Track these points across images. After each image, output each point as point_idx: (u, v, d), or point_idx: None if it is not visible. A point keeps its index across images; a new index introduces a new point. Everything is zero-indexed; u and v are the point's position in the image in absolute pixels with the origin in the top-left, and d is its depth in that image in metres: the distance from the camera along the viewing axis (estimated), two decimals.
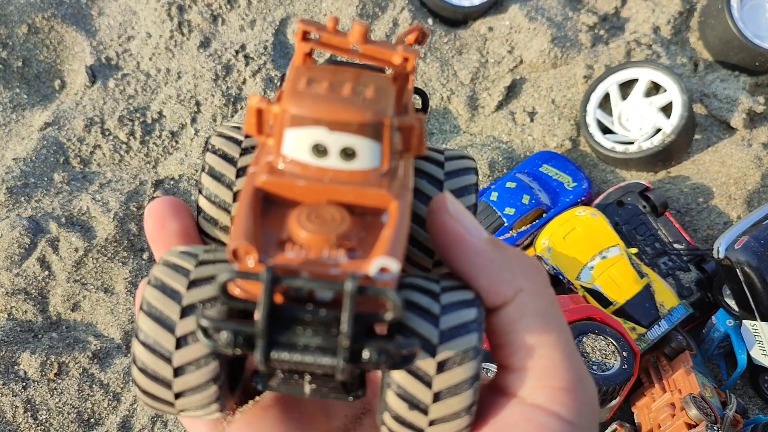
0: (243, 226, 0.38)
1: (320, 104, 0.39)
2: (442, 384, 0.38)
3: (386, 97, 0.41)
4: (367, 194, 0.41)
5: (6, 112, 1.42)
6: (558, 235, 1.23)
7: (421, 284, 0.39)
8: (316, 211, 0.40)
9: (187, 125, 1.38)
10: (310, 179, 0.40)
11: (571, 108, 1.43)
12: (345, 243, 0.39)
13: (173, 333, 0.40)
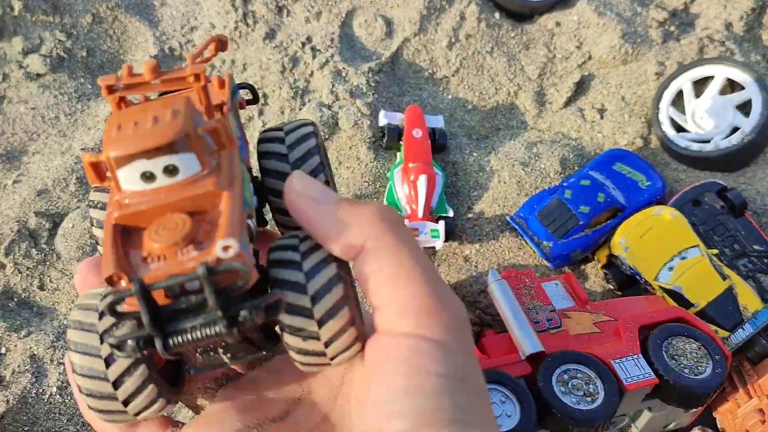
0: (109, 257, 0.48)
1: (131, 142, 0.48)
2: (321, 311, 0.47)
3: (183, 116, 0.50)
4: (198, 196, 0.49)
5: (71, 102, 1.41)
6: (635, 235, 1.21)
7: (284, 243, 0.49)
8: (162, 225, 0.49)
9: (254, 118, 1.37)
10: (149, 202, 0.49)
11: (642, 105, 1.40)
12: (192, 240, 0.47)
13: (100, 357, 0.51)
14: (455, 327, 0.43)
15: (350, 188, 1.29)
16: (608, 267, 1.25)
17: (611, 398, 0.92)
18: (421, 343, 0.41)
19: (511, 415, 0.89)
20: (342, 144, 1.33)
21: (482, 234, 1.28)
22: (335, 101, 1.36)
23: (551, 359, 0.95)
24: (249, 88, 0.69)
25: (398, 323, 0.42)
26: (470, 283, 1.23)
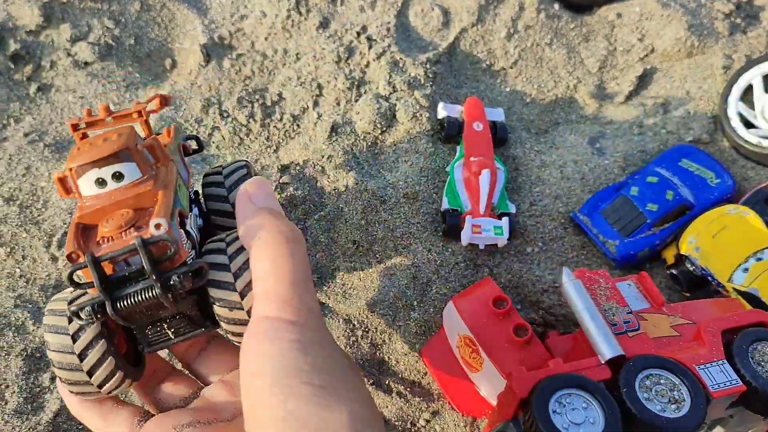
0: (71, 240, 0.66)
1: (86, 154, 0.69)
2: (241, 285, 0.66)
3: (126, 136, 0.72)
4: (139, 195, 0.70)
5: (120, 90, 1.38)
6: (706, 234, 1.16)
7: (215, 238, 0.73)
8: (111, 217, 0.69)
9: (309, 109, 1.33)
10: (102, 202, 0.69)
11: (708, 100, 1.36)
12: (133, 225, 0.67)
13: (68, 334, 0.69)
14: (306, 309, 0.57)
15: (408, 183, 1.25)
16: (676, 267, 1.20)
17: (699, 406, 0.87)
18: (277, 323, 0.56)
19: (595, 422, 0.85)
20: (400, 137, 1.29)
21: (544, 231, 1.24)
22: (392, 93, 1.32)
23: (633, 363, 0.91)
24: (195, 138, 0.94)
25: (264, 309, 0.57)
26: (532, 283, 1.19)
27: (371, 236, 1.21)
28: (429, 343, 1.14)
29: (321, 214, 1.22)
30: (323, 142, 1.27)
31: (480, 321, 1.07)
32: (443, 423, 1.05)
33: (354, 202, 1.23)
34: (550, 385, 0.87)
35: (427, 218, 1.23)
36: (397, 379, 1.10)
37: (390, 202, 1.23)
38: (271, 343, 0.55)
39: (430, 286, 1.17)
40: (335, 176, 1.25)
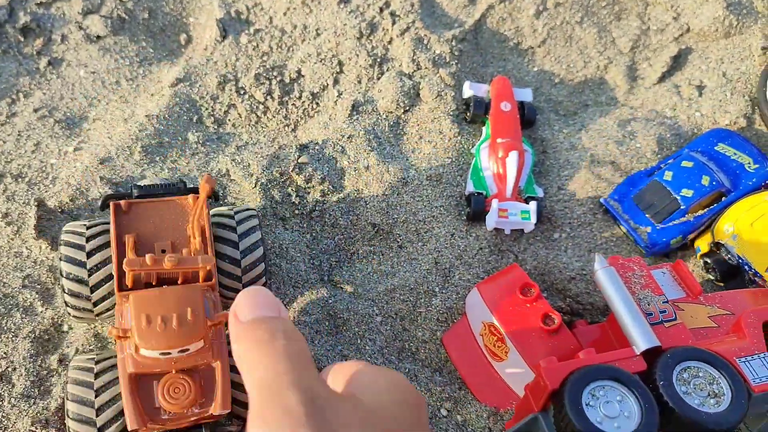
0: (133, 413, 0.80)
1: (162, 341, 0.80)
2: None
3: (202, 323, 0.81)
4: (200, 365, 0.83)
5: (133, 66, 1.33)
6: (745, 221, 1.11)
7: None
8: (172, 385, 0.81)
9: (329, 86, 1.28)
10: (162, 366, 0.81)
11: (746, 82, 1.30)
12: (195, 404, 0.82)
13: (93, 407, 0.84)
14: (278, 424, 0.49)
15: (431, 164, 1.20)
16: (710, 256, 1.15)
17: (740, 401, 0.82)
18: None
19: (630, 416, 0.80)
20: (423, 117, 1.24)
21: (572, 217, 1.19)
22: (416, 70, 1.27)
23: (671, 355, 0.86)
24: (214, 194, 1.02)
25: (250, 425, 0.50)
26: (559, 270, 1.14)
27: (392, 219, 1.17)
28: (451, 330, 1.09)
29: (340, 196, 1.17)
30: (343, 121, 1.23)
31: (506, 308, 1.02)
32: (465, 413, 1.01)
33: (375, 184, 1.18)
34: (583, 376, 0.83)
35: (451, 201, 1.18)
36: (417, 367, 1.06)
37: (412, 185, 1.18)
38: None
39: (452, 272, 1.13)
40: (356, 157, 1.20)
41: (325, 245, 1.15)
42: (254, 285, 1.02)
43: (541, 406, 0.87)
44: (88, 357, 0.90)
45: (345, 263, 1.15)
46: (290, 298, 1.11)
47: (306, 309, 1.10)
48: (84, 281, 0.93)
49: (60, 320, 1.04)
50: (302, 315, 1.09)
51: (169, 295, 0.82)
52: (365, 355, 1.06)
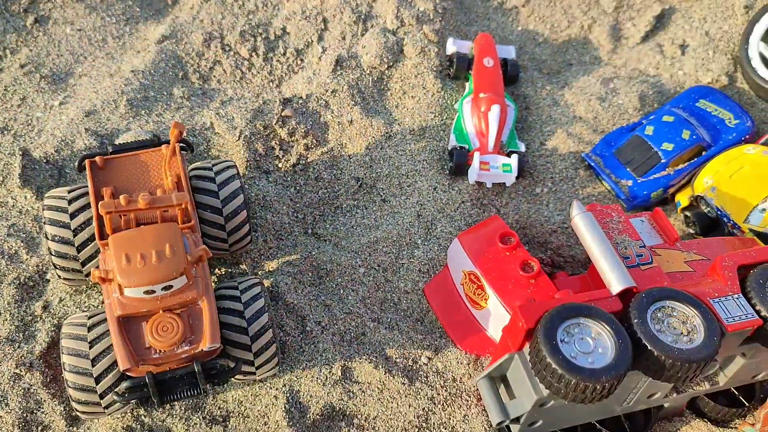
0: (122, 353, 0.82)
1: (142, 277, 0.81)
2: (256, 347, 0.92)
3: (180, 257, 0.83)
4: (186, 301, 0.85)
5: (119, 24, 1.34)
6: (724, 174, 1.12)
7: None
8: (161, 324, 0.84)
9: (314, 43, 1.29)
10: (148, 306, 0.84)
11: (728, 41, 1.30)
12: (184, 340, 0.84)
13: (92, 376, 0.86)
14: None
15: (415, 119, 1.21)
16: (690, 209, 1.16)
17: (713, 338, 0.83)
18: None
19: (604, 352, 0.82)
20: (407, 72, 1.25)
21: (554, 172, 1.20)
22: (400, 27, 1.27)
23: (645, 295, 0.87)
24: (184, 142, 1.02)
25: None
26: (541, 223, 1.15)
27: (375, 173, 1.18)
28: (432, 281, 1.10)
29: (324, 150, 1.18)
30: (327, 76, 1.23)
31: (486, 257, 1.03)
32: (445, 361, 1.02)
33: (358, 138, 1.19)
34: (557, 314, 0.84)
35: (434, 156, 1.19)
36: (399, 317, 1.07)
37: (395, 139, 1.19)
38: None
39: (434, 225, 1.14)
40: (339, 111, 1.21)
41: (309, 199, 1.16)
42: (238, 233, 1.03)
43: (518, 345, 0.89)
44: (81, 314, 0.92)
45: (329, 216, 1.16)
46: (274, 249, 1.12)
47: (290, 260, 1.11)
48: (70, 242, 0.95)
49: (44, 268, 1.05)
50: (286, 266, 1.10)
51: (147, 233, 0.83)
52: (347, 305, 1.08)
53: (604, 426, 0.99)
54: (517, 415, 0.89)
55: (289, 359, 1.04)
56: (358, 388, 1.01)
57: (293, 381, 1.02)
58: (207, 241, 1.02)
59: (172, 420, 0.99)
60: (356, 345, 1.05)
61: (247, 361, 0.93)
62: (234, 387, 1.01)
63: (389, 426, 0.98)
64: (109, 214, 0.85)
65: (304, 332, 1.05)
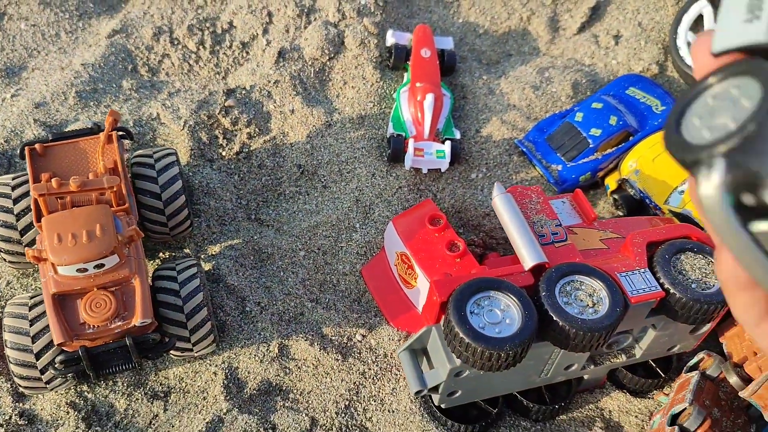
0: (57, 328, 0.87)
1: (73, 255, 0.86)
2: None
3: (111, 235, 0.87)
4: (118, 280, 0.90)
5: (72, 19, 1.38)
6: (647, 158, 1.17)
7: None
8: (94, 300, 0.89)
9: (259, 36, 1.34)
10: (82, 283, 0.88)
11: (659, 31, 1.36)
12: (117, 315, 0.89)
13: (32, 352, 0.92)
14: None
15: (355, 108, 1.26)
16: (618, 192, 1.21)
17: (615, 309, 0.88)
18: None
19: (511, 322, 0.87)
20: (347, 63, 1.29)
21: (489, 158, 1.25)
22: (342, 20, 1.32)
23: (554, 270, 0.92)
24: (124, 130, 1.07)
25: None
26: (475, 207, 1.20)
27: (317, 161, 1.22)
28: (369, 262, 1.15)
29: (266, 138, 1.23)
30: (270, 67, 1.28)
31: (417, 238, 1.08)
32: (378, 338, 1.07)
33: (299, 127, 1.24)
34: (467, 288, 0.89)
35: (373, 143, 1.24)
36: (337, 298, 1.12)
37: (336, 127, 1.24)
38: None
39: (372, 209, 1.19)
40: (281, 101, 1.25)
41: (253, 185, 1.21)
42: (177, 217, 1.08)
43: (434, 318, 0.94)
44: (24, 294, 0.98)
45: (272, 202, 1.21)
46: (217, 234, 1.16)
47: (232, 244, 1.16)
48: (13, 226, 1.00)
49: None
50: (228, 250, 1.15)
51: (78, 214, 0.88)
52: (287, 287, 1.12)
53: (526, 398, 1.04)
54: (434, 385, 0.94)
55: (229, 338, 1.08)
56: (294, 365, 1.06)
57: (232, 358, 1.07)
58: (148, 226, 1.07)
59: (115, 396, 1.03)
60: (294, 324, 1.09)
61: (183, 337, 0.98)
62: (175, 364, 1.06)
63: (322, 399, 1.03)
64: (42, 197, 0.89)
65: (243, 312, 1.10)
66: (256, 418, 1.01)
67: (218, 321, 1.08)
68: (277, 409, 1.03)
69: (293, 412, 1.02)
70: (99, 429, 1.00)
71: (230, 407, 1.02)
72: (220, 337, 1.08)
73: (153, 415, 1.02)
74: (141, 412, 1.02)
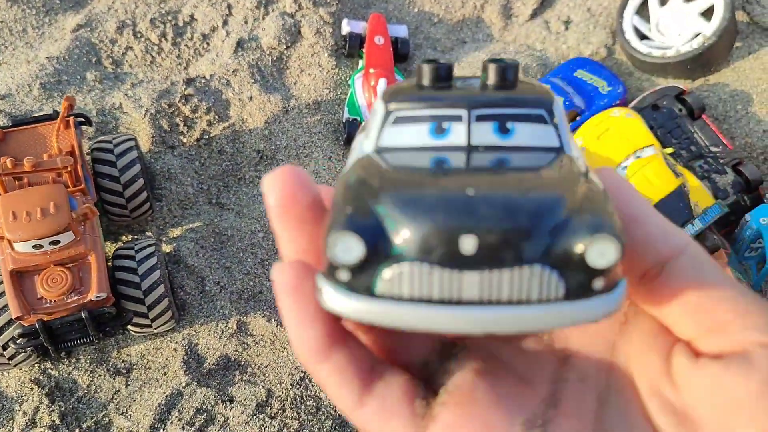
0: (15, 302, 0.91)
1: (28, 231, 0.90)
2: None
3: (65, 212, 0.92)
4: (74, 256, 0.94)
5: (39, 15, 1.42)
6: (592, 135, 1.21)
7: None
8: (50, 276, 0.93)
9: (219, 28, 1.38)
10: (38, 259, 0.93)
11: (607, 16, 1.40)
12: (73, 290, 0.93)
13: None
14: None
15: (311, 95, 1.30)
16: None
17: None
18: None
19: None
20: (304, 52, 1.34)
21: None
22: (298, 10, 1.37)
23: None
24: (83, 116, 1.13)
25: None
26: None
27: (275, 146, 1.27)
28: None
29: (226, 125, 1.27)
30: (229, 57, 1.32)
31: None
32: None
33: (257, 114, 1.28)
34: None
35: (329, 128, 1.28)
36: None
37: (293, 113, 1.28)
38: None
39: None
40: (240, 89, 1.30)
41: (213, 171, 1.25)
42: (136, 200, 1.12)
43: None
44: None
45: (232, 187, 1.25)
46: (178, 218, 1.21)
47: (193, 227, 1.20)
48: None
49: None
50: (189, 233, 1.19)
51: (33, 192, 0.92)
52: (246, 267, 1.16)
53: None
54: None
55: (189, 316, 1.12)
56: (252, 340, 1.10)
57: (192, 335, 1.11)
58: (109, 208, 1.12)
59: (78, 372, 1.07)
60: (253, 302, 1.14)
61: (142, 313, 1.02)
62: (137, 342, 1.10)
63: (278, 372, 1.07)
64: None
65: (203, 292, 1.14)
66: (214, 391, 1.06)
67: (179, 300, 1.12)
68: (235, 382, 1.07)
69: (250, 384, 1.06)
70: (62, 404, 1.04)
71: (189, 381, 1.06)
72: (181, 316, 1.12)
73: (115, 391, 1.07)
74: (103, 387, 1.06)
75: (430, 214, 0.25)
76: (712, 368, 0.29)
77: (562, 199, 0.26)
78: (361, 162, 0.29)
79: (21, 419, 1.02)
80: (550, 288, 0.26)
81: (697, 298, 0.30)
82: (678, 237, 0.31)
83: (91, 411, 1.04)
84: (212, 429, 1.02)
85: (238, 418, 1.03)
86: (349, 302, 0.26)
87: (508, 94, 0.30)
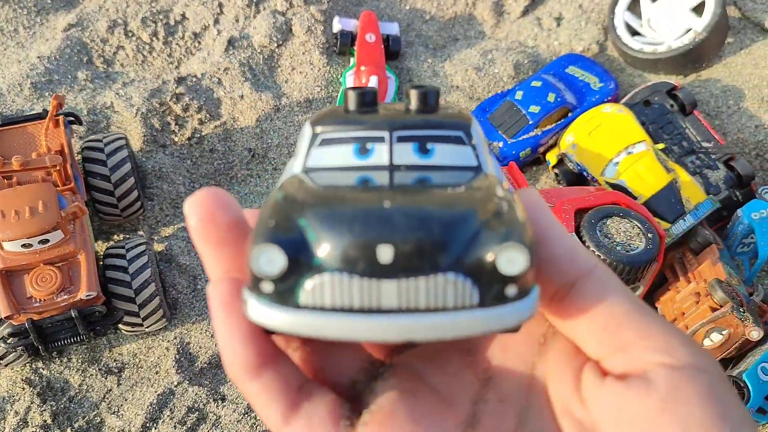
0: (4, 301, 0.91)
1: (17, 230, 0.90)
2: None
3: (53, 211, 0.92)
4: (63, 255, 0.94)
5: (30, 15, 1.42)
6: (583, 132, 1.21)
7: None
8: (40, 275, 0.93)
9: (210, 26, 1.38)
10: (28, 258, 0.93)
11: (599, 12, 1.40)
12: (63, 289, 0.93)
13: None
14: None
15: (303, 92, 1.30)
16: (558, 166, 1.25)
17: None
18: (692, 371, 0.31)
19: None
20: (295, 50, 1.34)
21: None
22: (289, 8, 1.36)
23: None
24: (72, 115, 1.12)
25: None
26: None
27: (266, 144, 1.26)
28: None
29: (217, 124, 1.27)
30: (220, 55, 1.32)
31: None
32: None
33: (249, 112, 1.28)
34: None
35: None
36: None
37: (284, 111, 1.28)
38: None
39: None
40: (231, 87, 1.29)
41: (205, 170, 1.25)
42: (127, 198, 1.12)
43: None
44: None
45: (224, 186, 1.25)
46: (170, 217, 1.20)
47: (184, 226, 1.20)
48: None
49: None
50: (180, 231, 1.19)
51: (22, 191, 0.92)
52: None
53: None
54: None
55: (181, 315, 1.12)
56: None
57: (184, 334, 1.11)
58: (100, 207, 1.11)
59: (70, 372, 1.07)
60: None
61: (133, 312, 1.02)
62: (129, 341, 1.10)
63: None
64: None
65: (195, 290, 1.14)
66: (206, 390, 1.05)
67: (170, 299, 1.12)
68: (226, 381, 1.07)
69: None
70: (54, 404, 1.04)
71: (181, 380, 1.06)
72: (173, 314, 1.11)
73: (107, 390, 1.06)
74: (95, 387, 1.06)
75: (349, 225, 0.26)
76: (617, 388, 0.31)
77: (475, 212, 0.27)
78: (289, 181, 0.30)
79: (12, 419, 1.02)
80: (464, 295, 0.27)
81: (602, 318, 0.31)
82: (585, 258, 0.33)
83: (83, 410, 1.04)
84: (204, 427, 1.02)
85: (229, 416, 1.03)
86: (273, 313, 0.27)
87: (428, 118, 0.32)
